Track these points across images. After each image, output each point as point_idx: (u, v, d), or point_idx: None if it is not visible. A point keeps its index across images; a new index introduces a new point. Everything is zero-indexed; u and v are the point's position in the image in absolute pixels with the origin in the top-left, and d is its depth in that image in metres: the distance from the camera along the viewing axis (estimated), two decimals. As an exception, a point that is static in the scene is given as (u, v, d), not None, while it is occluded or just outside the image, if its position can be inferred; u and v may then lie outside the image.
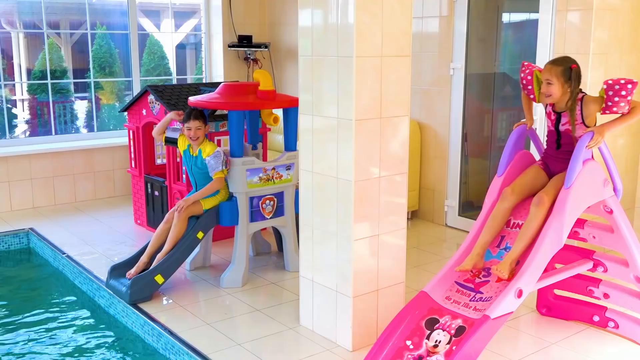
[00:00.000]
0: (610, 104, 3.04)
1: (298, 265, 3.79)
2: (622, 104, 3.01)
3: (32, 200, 6.24)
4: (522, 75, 3.34)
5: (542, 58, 4.82)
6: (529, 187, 3.15)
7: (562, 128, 3.12)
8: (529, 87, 3.31)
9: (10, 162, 6.12)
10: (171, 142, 4.73)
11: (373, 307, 3.44)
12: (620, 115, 3.07)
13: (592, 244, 3.41)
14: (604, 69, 4.64)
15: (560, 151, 3.17)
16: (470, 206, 5.74)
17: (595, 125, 3.09)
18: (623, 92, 2.99)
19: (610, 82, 3.03)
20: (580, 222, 3.36)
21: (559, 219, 2.91)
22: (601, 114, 3.11)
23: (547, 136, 3.28)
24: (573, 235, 3.38)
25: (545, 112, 3.24)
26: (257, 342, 3.50)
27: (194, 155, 4.25)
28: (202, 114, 4.25)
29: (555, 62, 3.05)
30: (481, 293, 2.89)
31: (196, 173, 4.28)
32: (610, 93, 3.02)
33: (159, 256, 4.11)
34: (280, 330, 3.65)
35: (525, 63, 3.37)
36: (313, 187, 3.50)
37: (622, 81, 2.99)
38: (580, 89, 3.12)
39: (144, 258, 4.16)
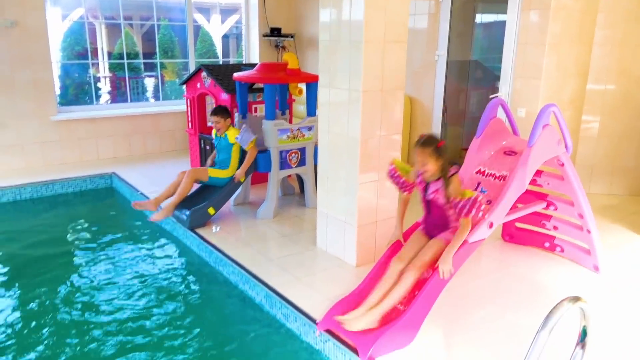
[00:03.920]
0: (460, 208, 2.53)
1: (315, 202, 3.81)
2: (463, 213, 2.53)
3: (114, 152, 6.27)
4: (391, 176, 2.86)
5: (509, 48, 4.70)
6: (414, 251, 2.69)
7: (429, 196, 2.68)
8: (400, 178, 2.82)
9: (97, 123, 6.13)
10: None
11: (372, 234, 3.46)
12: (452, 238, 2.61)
13: (547, 189, 3.38)
14: (557, 56, 4.53)
15: (432, 217, 2.71)
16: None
17: (454, 194, 2.55)
18: (474, 210, 2.51)
19: (477, 200, 2.50)
20: (538, 172, 3.33)
21: (523, 169, 2.84)
22: (448, 195, 2.58)
23: (421, 203, 2.78)
24: (532, 182, 3.35)
25: (417, 183, 2.77)
26: (284, 259, 3.54)
27: (221, 136, 4.23)
28: (221, 111, 4.17)
29: (424, 144, 2.55)
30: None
31: (220, 149, 4.26)
32: (468, 205, 2.51)
33: (170, 204, 4.00)
34: (302, 251, 3.68)
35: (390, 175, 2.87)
36: (328, 144, 3.49)
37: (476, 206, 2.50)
38: (456, 163, 2.63)
39: (162, 197, 4.08)
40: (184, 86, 5.67)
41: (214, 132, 4.32)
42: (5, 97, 5.53)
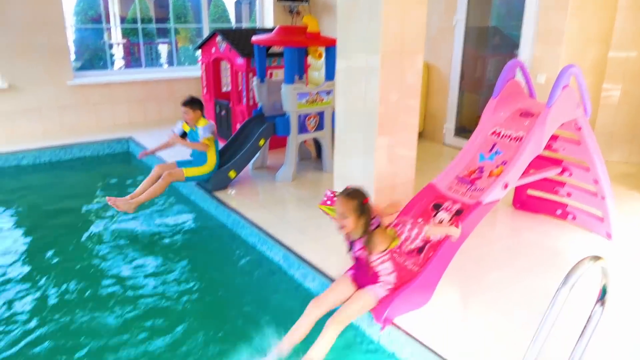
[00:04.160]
0: (408, 242, 2.55)
1: (332, 167, 3.82)
2: (419, 233, 2.51)
3: (129, 117, 6.33)
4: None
5: (530, 12, 4.62)
6: (334, 299, 2.49)
7: (356, 254, 2.47)
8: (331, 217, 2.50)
9: (113, 88, 6.17)
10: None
11: (389, 198, 3.47)
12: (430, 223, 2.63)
13: (562, 154, 3.35)
14: (579, 21, 4.46)
15: (362, 271, 2.51)
16: (463, 129, 5.69)
17: (384, 246, 2.43)
18: (415, 230, 2.51)
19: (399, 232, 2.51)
20: (554, 137, 3.30)
21: (540, 130, 2.81)
22: (372, 251, 2.43)
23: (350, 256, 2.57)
24: (548, 147, 3.31)
25: (344, 238, 2.54)
26: (301, 221, 3.59)
27: (193, 129, 4.04)
28: (190, 102, 3.94)
29: (349, 196, 2.34)
30: (476, 185, 2.86)
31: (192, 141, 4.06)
32: (403, 237, 2.52)
33: (137, 200, 3.77)
34: (318, 214, 3.66)
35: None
36: (346, 108, 3.49)
37: (408, 226, 2.50)
38: (374, 218, 2.43)
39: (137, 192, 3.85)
40: (199, 51, 5.67)
41: (184, 124, 4.07)
42: (22, 62, 5.57)
